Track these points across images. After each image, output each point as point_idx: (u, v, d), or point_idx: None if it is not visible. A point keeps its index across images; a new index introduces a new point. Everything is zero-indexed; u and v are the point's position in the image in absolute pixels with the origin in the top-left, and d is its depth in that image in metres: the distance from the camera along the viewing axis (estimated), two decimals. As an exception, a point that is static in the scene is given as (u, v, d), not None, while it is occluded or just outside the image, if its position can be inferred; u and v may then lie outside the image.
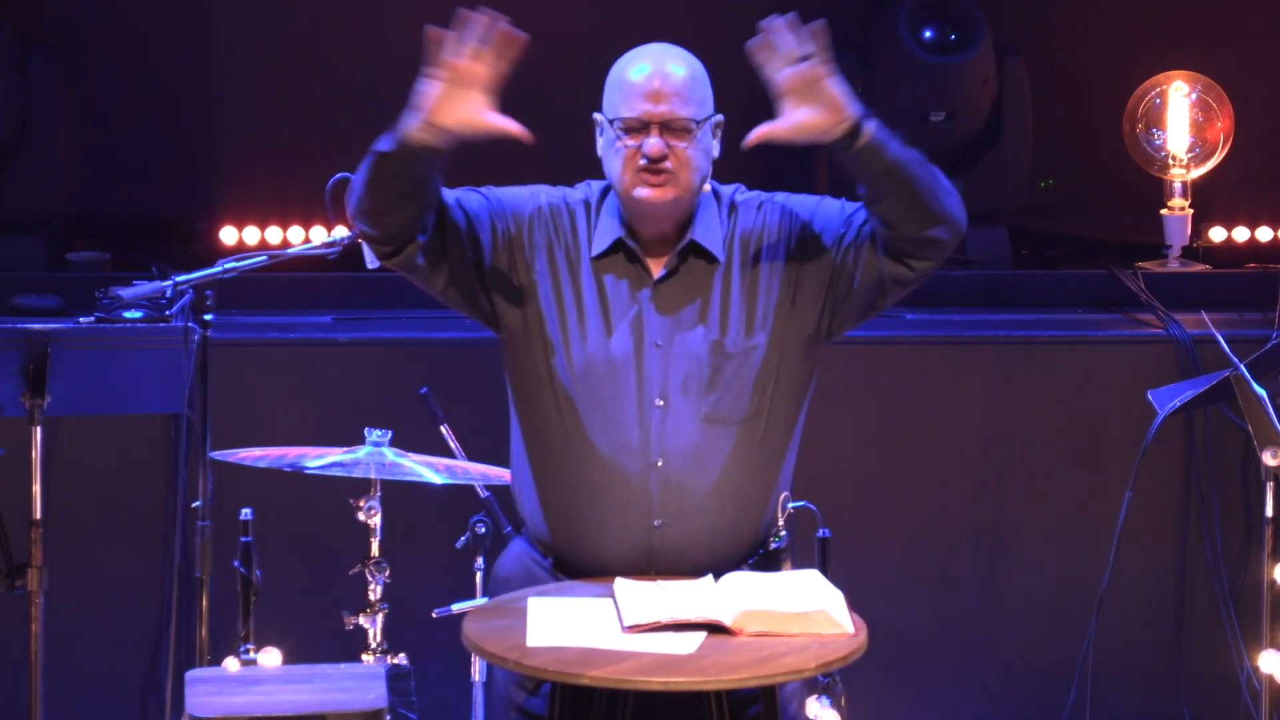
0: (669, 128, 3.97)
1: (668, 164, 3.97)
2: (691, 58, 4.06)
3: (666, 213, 4.03)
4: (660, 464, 4.00)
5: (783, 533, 4.12)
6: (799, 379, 4.10)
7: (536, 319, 4.06)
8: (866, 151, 3.86)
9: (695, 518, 4.01)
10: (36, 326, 4.98)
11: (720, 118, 4.07)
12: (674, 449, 4.00)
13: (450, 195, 4.07)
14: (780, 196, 4.14)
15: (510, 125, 3.87)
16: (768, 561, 4.11)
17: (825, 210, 4.10)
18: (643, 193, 3.99)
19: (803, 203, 4.12)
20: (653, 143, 3.96)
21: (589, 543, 4.03)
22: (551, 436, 4.06)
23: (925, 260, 3.98)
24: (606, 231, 4.07)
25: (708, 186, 4.10)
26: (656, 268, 4.06)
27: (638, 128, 3.98)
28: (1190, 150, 6.54)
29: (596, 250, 4.07)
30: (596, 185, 4.15)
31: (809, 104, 3.83)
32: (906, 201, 3.91)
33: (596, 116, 4.08)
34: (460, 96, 3.83)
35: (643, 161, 3.97)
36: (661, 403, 4.01)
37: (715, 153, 4.07)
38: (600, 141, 4.08)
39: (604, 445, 4.01)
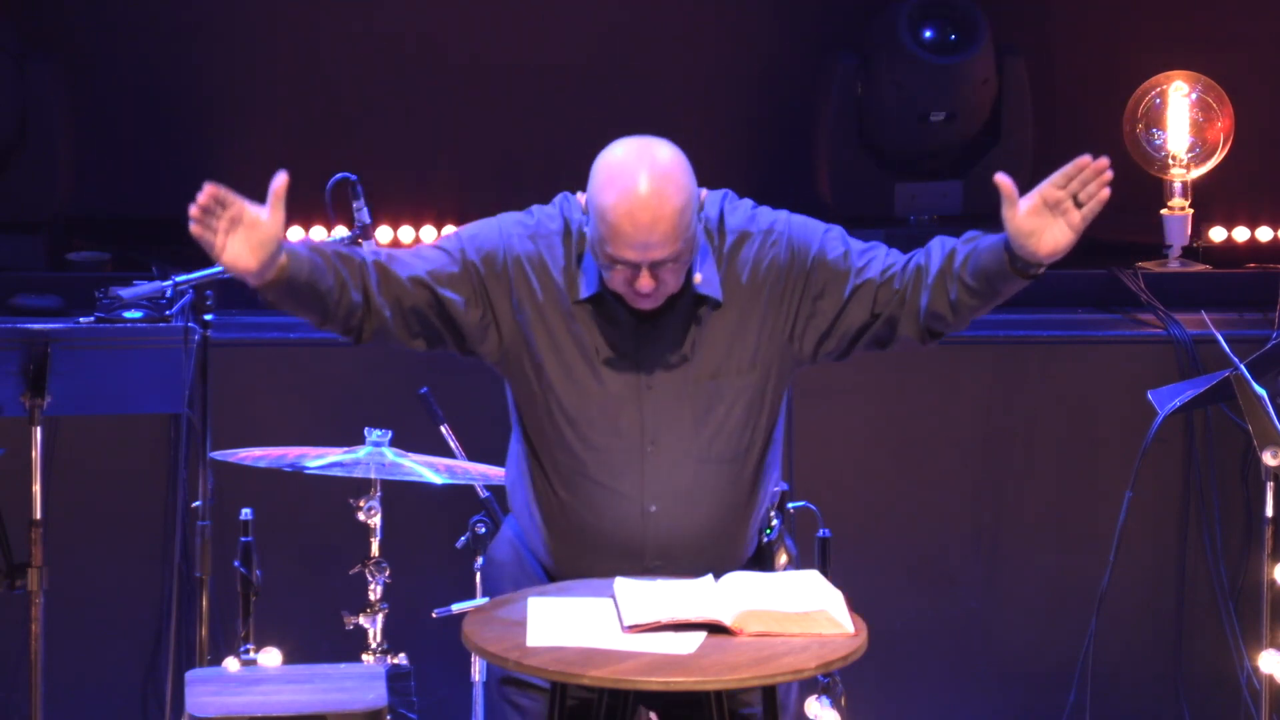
0: (660, 264, 3.83)
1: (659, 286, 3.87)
2: (673, 165, 3.83)
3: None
4: (653, 509, 3.95)
5: (774, 522, 4.10)
6: (781, 400, 4.06)
7: (523, 363, 3.98)
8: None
9: (688, 555, 3.98)
10: (36, 326, 4.98)
11: (703, 194, 3.92)
12: (666, 492, 3.95)
13: (410, 267, 3.96)
14: (781, 223, 4.02)
15: (276, 185, 3.92)
16: (759, 556, 4.10)
17: (831, 245, 4.01)
18: (634, 301, 3.89)
19: (806, 233, 4.02)
20: (644, 283, 3.83)
21: (580, 575, 4.00)
22: (546, 472, 4.01)
23: (942, 335, 4.06)
24: (590, 278, 3.94)
25: None
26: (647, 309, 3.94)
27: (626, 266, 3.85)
28: (1190, 150, 6.53)
29: (582, 294, 3.94)
30: (577, 205, 3.99)
31: (1046, 220, 3.94)
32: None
33: (580, 199, 3.91)
34: (241, 239, 3.89)
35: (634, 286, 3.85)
36: (653, 446, 3.95)
37: (700, 222, 3.91)
38: (586, 221, 3.89)
39: (596, 491, 3.96)
